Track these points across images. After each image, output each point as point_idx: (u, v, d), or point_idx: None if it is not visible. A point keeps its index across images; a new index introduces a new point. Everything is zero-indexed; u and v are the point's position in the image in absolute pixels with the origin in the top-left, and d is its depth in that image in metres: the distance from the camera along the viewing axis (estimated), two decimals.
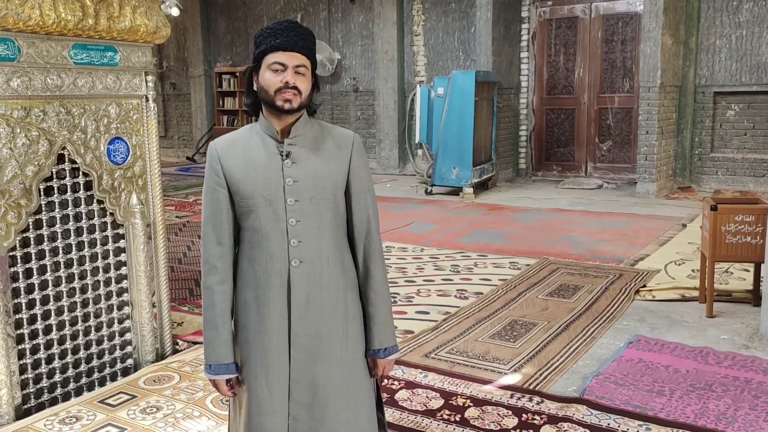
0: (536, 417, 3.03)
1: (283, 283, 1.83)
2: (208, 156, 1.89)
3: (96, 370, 3.42)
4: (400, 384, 3.39)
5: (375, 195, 1.97)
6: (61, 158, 3.16)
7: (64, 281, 3.24)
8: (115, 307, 3.50)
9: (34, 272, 3.10)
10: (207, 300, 1.89)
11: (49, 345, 3.19)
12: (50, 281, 3.18)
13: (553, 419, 3.00)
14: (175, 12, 11.68)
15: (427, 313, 4.54)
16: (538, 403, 3.15)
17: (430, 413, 3.08)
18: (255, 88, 1.85)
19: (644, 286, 4.94)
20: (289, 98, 1.78)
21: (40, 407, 3.14)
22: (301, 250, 1.83)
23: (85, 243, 3.33)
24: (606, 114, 10.28)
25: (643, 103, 8.84)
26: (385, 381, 3.33)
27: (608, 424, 2.94)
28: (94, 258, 3.38)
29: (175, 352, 3.78)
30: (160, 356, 3.68)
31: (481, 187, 9.53)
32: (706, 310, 4.36)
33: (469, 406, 3.13)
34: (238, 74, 13.77)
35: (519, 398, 3.21)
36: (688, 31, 9.27)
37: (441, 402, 3.19)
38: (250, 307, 1.86)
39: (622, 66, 10.05)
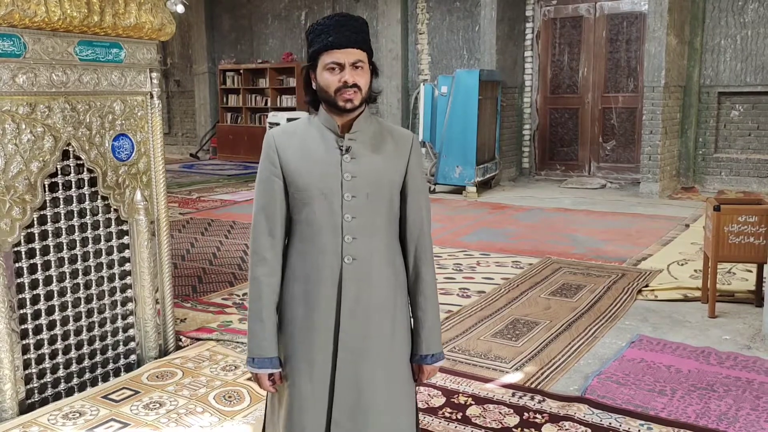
0: (538, 416, 3.03)
1: (334, 280, 1.80)
2: (265, 145, 1.84)
3: (99, 365, 3.44)
4: None
5: (429, 198, 1.95)
6: (65, 154, 3.18)
7: (68, 277, 3.25)
8: (118, 303, 3.52)
9: (39, 268, 3.12)
10: (254, 291, 1.85)
11: (53, 340, 3.20)
12: (54, 277, 3.19)
13: (554, 418, 3.00)
14: (180, 9, 11.70)
15: None
16: (539, 402, 3.16)
17: (431, 411, 3.08)
18: (313, 87, 1.81)
19: (647, 285, 4.94)
20: (349, 97, 1.75)
21: (44, 402, 3.15)
22: (355, 247, 1.80)
23: (89, 239, 3.34)
24: (610, 114, 10.26)
25: (648, 102, 8.83)
26: None
27: (610, 424, 2.95)
28: (98, 254, 3.39)
29: (178, 348, 3.79)
30: (163, 352, 3.70)
31: (484, 186, 9.53)
32: (708, 311, 4.36)
33: (470, 405, 3.14)
34: (242, 71, 13.79)
35: (521, 397, 3.22)
36: (693, 31, 9.25)
37: (443, 400, 3.19)
38: (298, 302, 1.83)
39: (627, 66, 10.04)
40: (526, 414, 3.05)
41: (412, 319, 1.93)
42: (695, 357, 3.69)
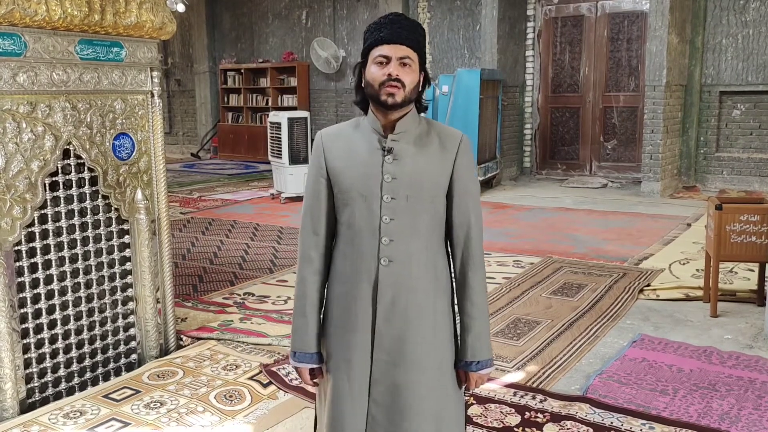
0: (539, 415, 3.03)
1: (371, 281, 1.80)
2: (314, 146, 1.88)
3: (100, 365, 3.43)
4: None
5: (479, 201, 1.89)
6: (66, 153, 3.17)
7: (68, 276, 3.25)
8: (119, 303, 3.51)
9: (39, 267, 3.11)
10: (299, 289, 1.89)
11: (53, 340, 3.20)
12: (55, 276, 3.18)
13: (556, 417, 3.00)
14: (180, 8, 11.71)
15: None
16: (541, 401, 3.15)
17: None
18: (363, 84, 1.81)
19: (648, 285, 4.93)
20: (392, 92, 1.74)
21: (45, 401, 3.15)
22: (392, 249, 1.79)
23: (90, 238, 3.34)
24: (611, 113, 10.25)
25: (649, 102, 8.82)
26: None
27: (611, 423, 2.94)
28: (98, 253, 3.38)
29: (179, 347, 3.79)
30: (164, 352, 3.69)
31: (485, 185, 9.52)
32: (710, 310, 4.35)
33: (472, 404, 3.13)
34: (242, 71, 13.78)
35: (522, 396, 3.21)
36: (695, 29, 9.24)
37: None
38: (339, 302, 1.85)
39: (628, 65, 10.03)
40: (527, 413, 3.04)
41: (459, 324, 1.90)
42: (697, 356, 3.68)
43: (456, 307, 1.91)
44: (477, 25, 10.86)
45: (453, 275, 1.89)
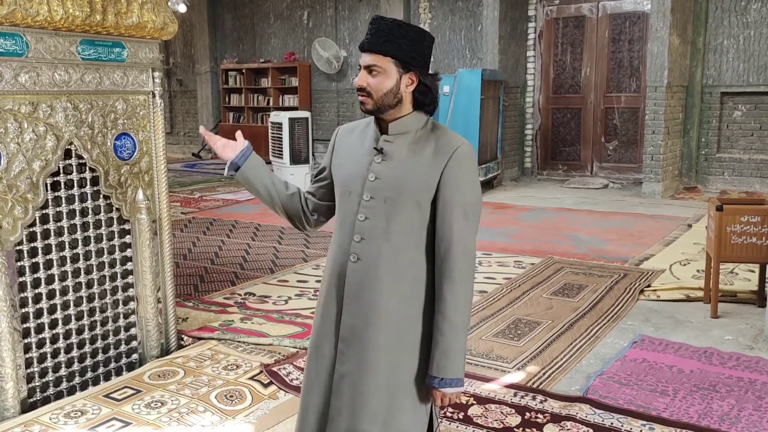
0: (539, 415, 3.03)
1: (341, 275, 1.85)
2: (332, 136, 2.00)
3: (101, 364, 3.44)
4: None
5: (473, 215, 1.80)
6: (68, 153, 3.18)
7: (70, 276, 3.25)
8: (120, 302, 3.52)
9: (41, 267, 3.12)
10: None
11: (54, 339, 3.20)
12: (56, 276, 3.19)
13: (556, 418, 3.00)
14: (182, 8, 11.72)
15: None
16: (541, 402, 3.15)
17: None
18: None
19: (649, 285, 4.93)
20: (361, 100, 1.80)
21: (46, 401, 3.16)
22: (362, 248, 1.81)
23: (91, 238, 3.34)
24: (612, 114, 10.25)
25: (650, 102, 8.82)
26: None
27: (611, 424, 2.94)
28: (100, 253, 3.39)
29: (180, 347, 3.80)
30: (165, 351, 3.70)
31: (486, 185, 9.52)
32: (710, 311, 4.35)
33: (472, 404, 3.13)
34: (244, 71, 13.79)
35: (522, 397, 3.21)
36: (696, 30, 9.24)
37: None
38: (322, 290, 1.94)
39: (629, 65, 10.03)
40: (527, 414, 3.04)
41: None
42: (697, 357, 3.69)
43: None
44: (478, 26, 10.87)
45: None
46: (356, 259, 1.82)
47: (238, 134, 2.04)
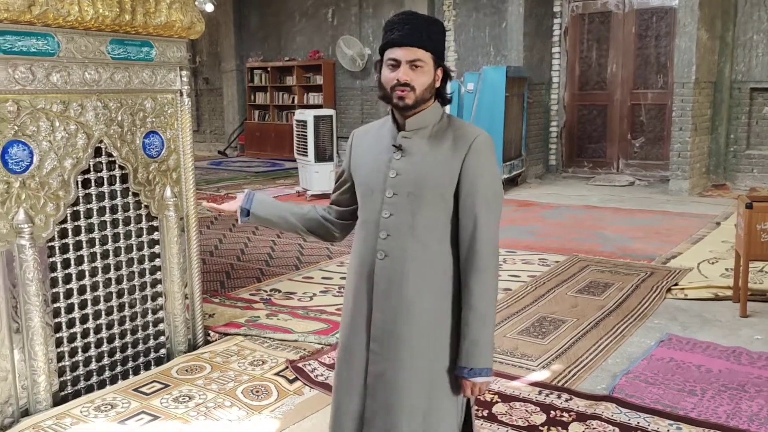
0: (565, 414, 3.02)
1: (369, 274, 1.85)
2: (348, 141, 2.02)
3: (130, 359, 3.49)
4: None
5: (495, 204, 1.82)
6: (98, 151, 3.23)
7: (100, 272, 3.31)
8: (149, 298, 3.57)
9: (72, 263, 3.18)
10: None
11: (85, 334, 3.26)
12: (87, 272, 3.25)
13: (581, 416, 2.98)
14: (209, 7, 11.83)
15: None
16: (566, 400, 3.14)
17: None
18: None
19: (676, 284, 4.88)
20: (402, 95, 1.76)
21: (77, 394, 3.22)
22: (388, 244, 1.82)
23: (121, 234, 3.40)
24: (639, 110, 10.14)
25: (677, 99, 8.70)
26: None
27: (638, 423, 2.92)
28: (129, 249, 3.44)
29: (206, 342, 3.84)
30: (192, 346, 3.75)
31: (510, 183, 9.48)
32: (739, 310, 4.29)
33: (497, 402, 3.13)
34: (269, 69, 13.87)
35: (547, 395, 3.20)
36: (725, 25, 9.09)
37: None
38: (349, 290, 1.93)
39: (656, 61, 9.90)
40: (552, 412, 3.03)
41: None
42: (726, 357, 3.64)
43: None
44: (503, 23, 10.81)
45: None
46: (383, 256, 1.82)
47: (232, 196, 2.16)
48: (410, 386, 1.83)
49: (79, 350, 3.24)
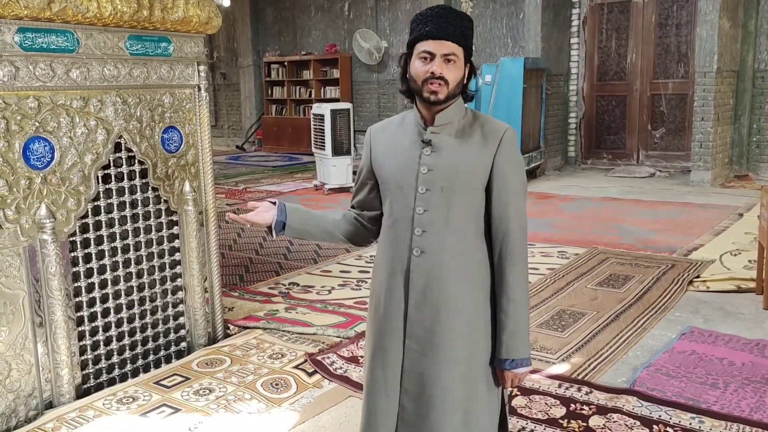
0: (585, 407, 3.00)
1: (403, 271, 1.83)
2: (364, 140, 1.97)
3: (151, 352, 3.53)
4: None
5: (524, 195, 1.86)
6: (117, 147, 3.26)
7: (121, 266, 3.34)
8: (169, 292, 3.60)
9: (93, 257, 3.21)
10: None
11: (107, 327, 3.30)
12: (108, 266, 3.28)
13: (602, 410, 2.96)
14: (225, 2, 11.86)
15: None
16: (586, 394, 3.12)
17: None
18: (407, 76, 1.82)
19: (698, 276, 4.82)
20: (435, 89, 1.74)
21: (99, 387, 3.25)
22: (424, 240, 1.80)
23: (141, 229, 3.42)
24: (659, 100, 10.02)
25: (699, 88, 8.59)
26: None
27: (659, 416, 2.90)
28: (149, 244, 3.47)
29: (226, 336, 3.87)
30: (212, 340, 3.77)
31: (529, 175, 9.42)
32: (763, 302, 4.24)
33: (516, 395, 3.12)
34: (286, 64, 13.90)
35: (567, 388, 3.19)
36: (747, 13, 8.95)
37: None
38: (379, 289, 1.90)
39: (677, 51, 9.77)
40: (572, 405, 3.02)
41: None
42: (749, 349, 3.60)
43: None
44: (520, 14, 10.73)
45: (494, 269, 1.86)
46: (420, 252, 1.80)
47: (252, 204, 2.16)
48: (452, 383, 1.81)
49: (101, 344, 3.28)
